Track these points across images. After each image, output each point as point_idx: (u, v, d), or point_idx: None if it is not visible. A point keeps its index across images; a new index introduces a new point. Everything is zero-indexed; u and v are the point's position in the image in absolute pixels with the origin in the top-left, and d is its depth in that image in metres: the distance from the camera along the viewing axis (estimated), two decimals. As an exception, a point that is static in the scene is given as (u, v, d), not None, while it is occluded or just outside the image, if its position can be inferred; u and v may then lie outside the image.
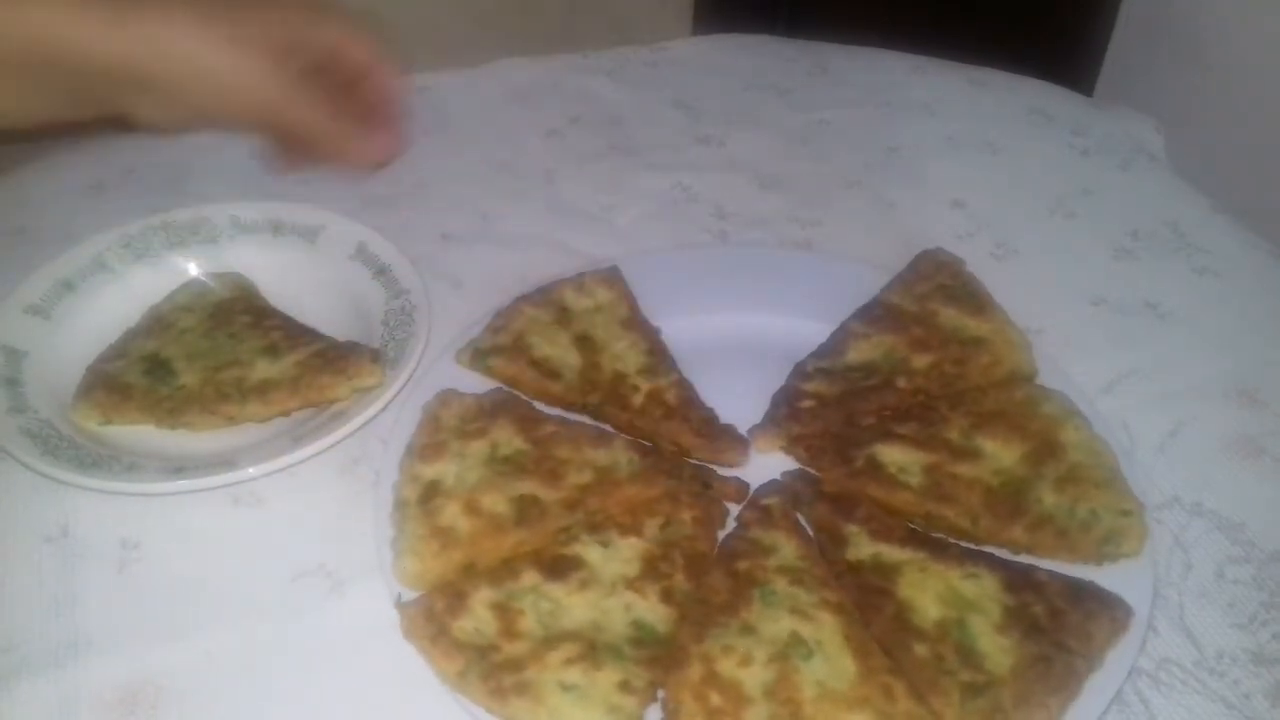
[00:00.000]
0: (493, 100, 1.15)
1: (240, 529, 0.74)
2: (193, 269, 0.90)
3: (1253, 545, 0.74)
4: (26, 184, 1.01)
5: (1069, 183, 1.06)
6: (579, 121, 1.12)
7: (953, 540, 0.73)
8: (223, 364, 0.80)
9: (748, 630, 0.65)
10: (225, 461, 0.73)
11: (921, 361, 0.82)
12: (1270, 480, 0.78)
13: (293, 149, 0.81)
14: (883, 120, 1.14)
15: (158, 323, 0.85)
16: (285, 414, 0.78)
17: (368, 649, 0.67)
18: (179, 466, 0.73)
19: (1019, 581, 0.68)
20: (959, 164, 1.08)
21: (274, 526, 0.74)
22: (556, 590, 0.67)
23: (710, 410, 0.79)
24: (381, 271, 0.87)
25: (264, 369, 0.79)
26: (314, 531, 0.73)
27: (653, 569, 0.69)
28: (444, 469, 0.74)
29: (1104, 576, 0.69)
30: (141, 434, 0.78)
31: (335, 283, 0.88)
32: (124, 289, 0.87)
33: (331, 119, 0.76)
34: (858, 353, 0.83)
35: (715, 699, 0.62)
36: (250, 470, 0.72)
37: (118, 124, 0.73)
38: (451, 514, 0.71)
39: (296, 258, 0.90)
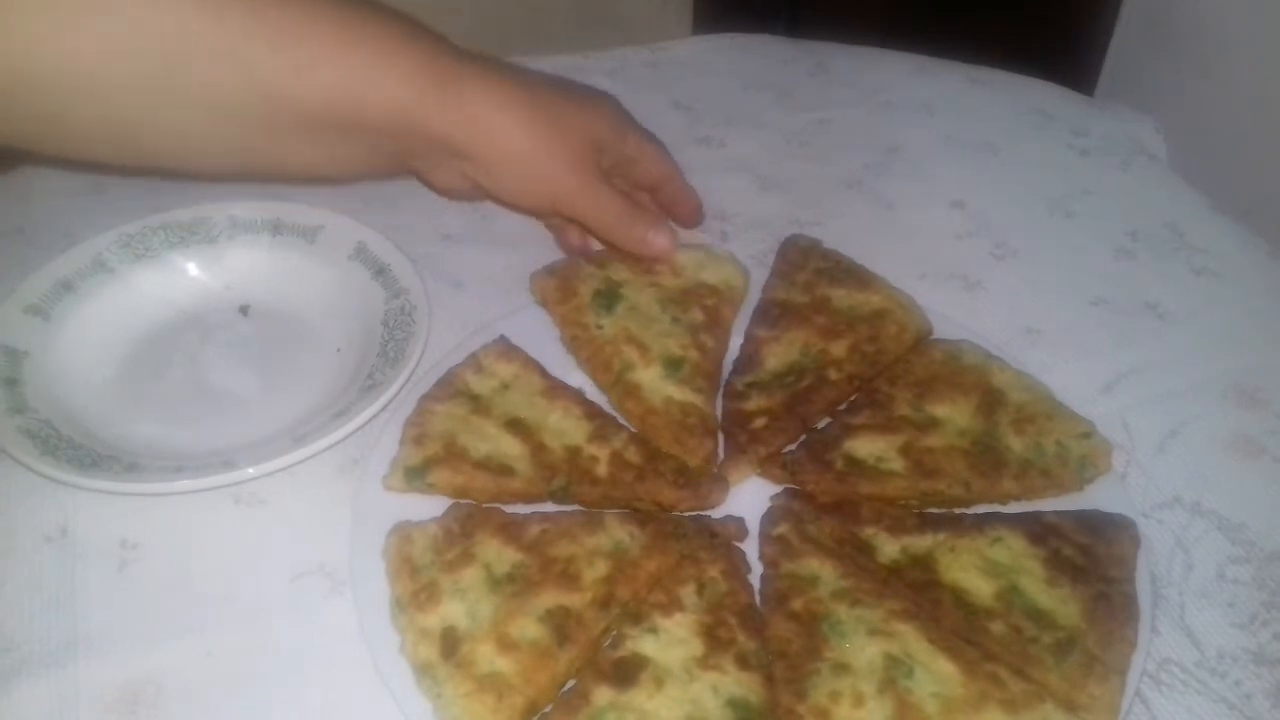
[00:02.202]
0: (493, 100, 1.15)
1: (240, 529, 0.74)
2: (192, 269, 0.90)
3: (1253, 545, 0.74)
4: (26, 184, 1.01)
5: (1069, 183, 1.06)
6: (579, 121, 1.12)
7: (955, 512, 0.74)
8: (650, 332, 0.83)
9: (841, 668, 0.64)
10: (225, 461, 0.73)
11: (839, 348, 0.82)
12: (1270, 480, 0.78)
13: (578, 230, 0.89)
14: (883, 120, 1.14)
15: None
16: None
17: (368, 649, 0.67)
18: (179, 466, 0.73)
19: (1039, 531, 0.70)
20: (959, 164, 1.08)
21: (274, 526, 0.74)
22: (635, 697, 0.63)
23: (676, 458, 0.77)
24: (381, 271, 0.87)
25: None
26: (314, 531, 0.73)
27: (714, 640, 0.66)
28: (450, 611, 0.66)
29: (1090, 499, 0.74)
30: (142, 433, 0.78)
31: (334, 282, 0.88)
32: (124, 289, 0.87)
33: (623, 210, 0.84)
34: (776, 358, 0.83)
35: None
36: (250, 470, 0.72)
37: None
38: (487, 658, 0.63)
39: (296, 257, 0.90)
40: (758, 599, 0.70)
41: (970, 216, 1.02)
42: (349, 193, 1.00)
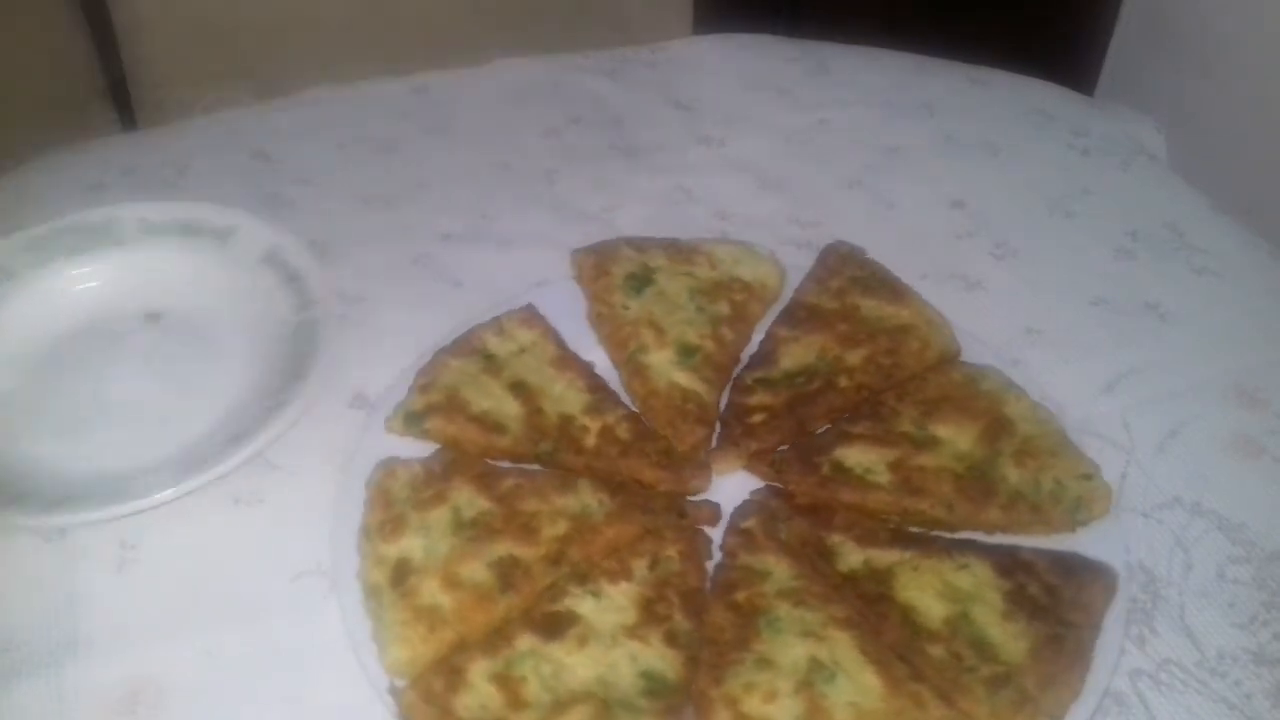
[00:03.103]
0: (493, 100, 1.15)
1: (240, 529, 0.74)
2: (99, 273, 0.88)
3: (1253, 545, 0.74)
4: (26, 184, 1.01)
5: (1069, 183, 1.05)
6: (579, 121, 1.12)
7: (932, 533, 0.73)
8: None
9: (765, 663, 0.64)
10: (114, 491, 0.71)
11: (855, 357, 0.82)
12: (1270, 480, 0.78)
13: None
14: (883, 120, 1.14)
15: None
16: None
17: (367, 649, 0.66)
18: (66, 496, 0.71)
19: (1009, 564, 0.69)
20: (959, 164, 1.08)
21: (274, 526, 0.74)
22: (556, 650, 0.65)
23: (666, 439, 0.78)
24: (293, 279, 0.85)
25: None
26: (314, 531, 0.73)
27: (650, 613, 0.67)
28: (409, 544, 0.69)
29: (1079, 542, 0.72)
30: (35, 453, 0.76)
31: (244, 288, 0.86)
32: (28, 295, 0.86)
33: None
34: (791, 358, 0.83)
35: None
36: (132, 506, 0.71)
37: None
38: (431, 592, 0.67)
39: (205, 261, 0.88)
40: (709, 585, 0.71)
41: (970, 216, 1.01)
42: (348, 192, 1.00)
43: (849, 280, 0.88)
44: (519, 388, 0.80)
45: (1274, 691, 0.66)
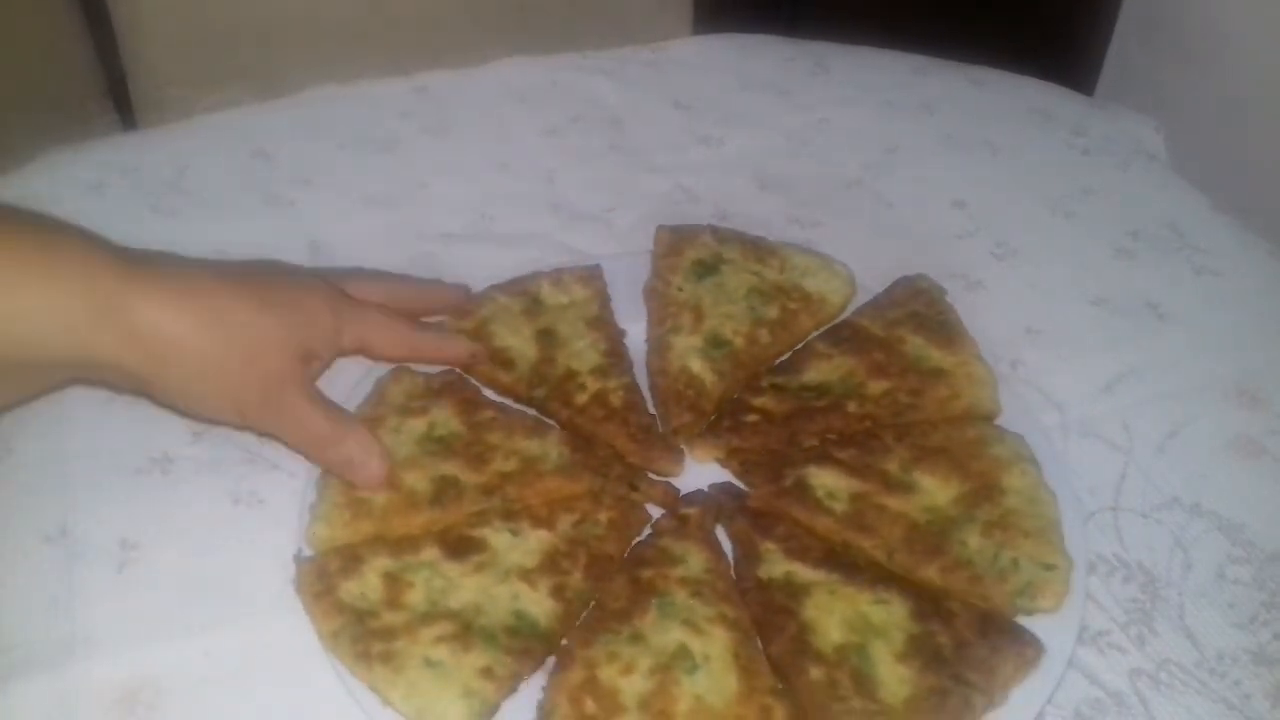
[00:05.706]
0: (493, 100, 1.15)
1: (240, 529, 0.74)
2: None
3: (1253, 545, 0.74)
4: (26, 184, 1.01)
5: (1069, 183, 1.05)
6: (579, 121, 1.12)
7: (856, 563, 0.70)
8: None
9: (637, 639, 0.65)
10: None
11: (876, 388, 0.80)
12: (1270, 480, 0.78)
13: None
14: (883, 120, 1.14)
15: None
16: None
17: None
18: None
19: (929, 610, 0.66)
20: (959, 164, 1.08)
21: (274, 526, 0.74)
22: (452, 570, 0.68)
23: (652, 417, 0.79)
24: None
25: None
26: (314, 531, 0.73)
27: (552, 564, 0.69)
28: None
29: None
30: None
31: None
32: None
33: (321, 432, 0.71)
34: (816, 372, 0.82)
35: (590, 705, 0.61)
36: None
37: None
38: None
39: None
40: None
41: (970, 216, 1.01)
42: (348, 192, 1.00)
43: (908, 314, 0.85)
44: (546, 335, 0.83)
45: (1274, 692, 0.66)
